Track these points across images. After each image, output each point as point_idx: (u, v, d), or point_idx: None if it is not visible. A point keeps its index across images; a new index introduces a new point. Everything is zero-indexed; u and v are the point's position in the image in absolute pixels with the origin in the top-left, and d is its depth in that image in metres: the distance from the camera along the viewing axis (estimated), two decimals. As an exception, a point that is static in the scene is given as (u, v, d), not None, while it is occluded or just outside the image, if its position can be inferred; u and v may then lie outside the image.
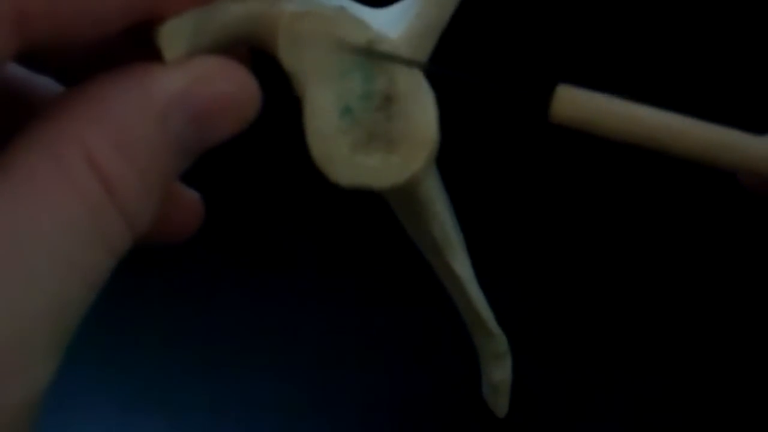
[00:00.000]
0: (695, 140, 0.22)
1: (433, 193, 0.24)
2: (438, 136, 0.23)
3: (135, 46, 0.22)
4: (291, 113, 0.23)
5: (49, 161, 0.19)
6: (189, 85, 0.20)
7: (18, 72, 0.22)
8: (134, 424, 0.34)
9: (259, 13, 0.22)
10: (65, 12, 0.19)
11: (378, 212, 0.27)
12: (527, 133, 0.39)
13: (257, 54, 0.23)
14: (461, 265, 0.26)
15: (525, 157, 0.42)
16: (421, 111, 0.22)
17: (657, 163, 0.26)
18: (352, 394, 0.35)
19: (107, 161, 0.19)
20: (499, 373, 0.30)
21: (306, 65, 0.22)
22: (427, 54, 0.24)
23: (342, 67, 0.22)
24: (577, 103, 0.22)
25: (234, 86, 0.21)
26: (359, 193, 0.24)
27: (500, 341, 0.29)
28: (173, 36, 0.21)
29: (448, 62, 0.23)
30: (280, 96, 0.22)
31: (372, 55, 0.22)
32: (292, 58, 0.22)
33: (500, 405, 0.31)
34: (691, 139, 0.22)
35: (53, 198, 0.18)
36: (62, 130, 0.19)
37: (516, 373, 0.30)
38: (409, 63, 0.22)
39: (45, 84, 0.23)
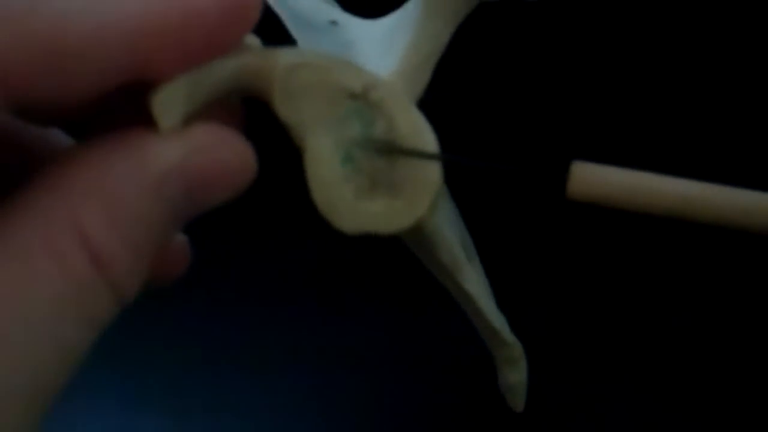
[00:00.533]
0: (716, 208, 0.22)
1: (439, 224, 0.24)
2: (441, 179, 0.22)
3: (135, 99, 0.21)
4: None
5: (40, 235, 0.18)
6: (186, 157, 0.20)
7: (20, 125, 0.22)
8: (135, 423, 0.34)
9: (252, 69, 0.21)
10: (45, 75, 0.19)
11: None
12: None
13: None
14: (472, 283, 0.26)
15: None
16: (422, 154, 0.22)
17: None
18: (352, 396, 0.35)
19: (99, 238, 0.19)
20: (514, 375, 0.29)
21: (303, 116, 0.22)
22: (424, 85, 0.23)
23: (340, 115, 0.22)
24: (592, 181, 0.22)
25: (231, 156, 0.21)
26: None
27: (514, 348, 0.28)
28: (167, 103, 0.20)
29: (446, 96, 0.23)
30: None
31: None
32: (289, 111, 0.22)
33: (518, 403, 0.31)
34: (712, 207, 0.22)
35: (41, 274, 0.18)
36: (54, 202, 0.19)
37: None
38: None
39: (52, 135, 0.22)
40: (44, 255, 0.18)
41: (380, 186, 0.22)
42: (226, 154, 0.20)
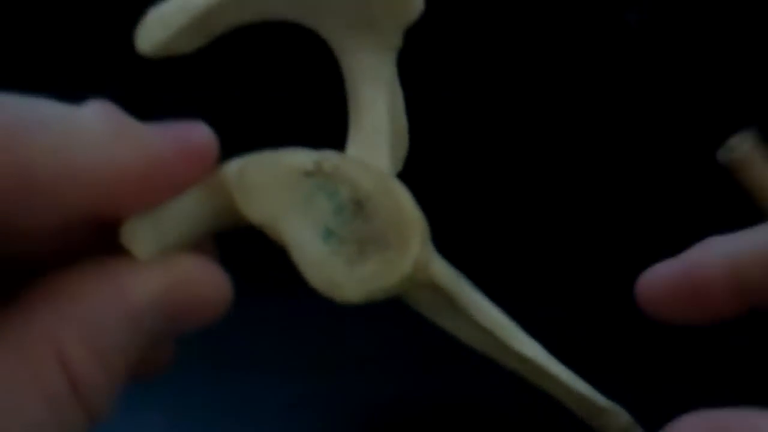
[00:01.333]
0: None
1: (453, 279, 0.24)
2: (421, 213, 0.22)
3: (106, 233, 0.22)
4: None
5: (23, 361, 0.19)
6: (167, 290, 0.21)
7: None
8: (135, 422, 0.34)
9: (209, 192, 0.22)
10: (13, 206, 0.19)
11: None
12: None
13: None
14: (527, 346, 0.25)
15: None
16: (393, 199, 0.22)
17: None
18: (352, 396, 0.35)
19: (79, 362, 0.19)
20: None
21: (270, 211, 0.22)
22: (404, 137, 0.24)
23: (304, 197, 0.22)
24: None
25: (209, 288, 0.21)
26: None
27: (618, 413, 0.26)
28: (136, 235, 0.21)
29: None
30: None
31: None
32: (255, 211, 0.22)
33: None
34: None
35: (22, 398, 0.19)
36: (35, 326, 0.19)
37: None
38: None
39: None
40: (22, 376, 0.19)
41: (368, 246, 0.22)
42: (206, 287, 0.21)
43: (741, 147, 0.25)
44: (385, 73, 0.24)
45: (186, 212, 0.22)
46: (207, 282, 0.21)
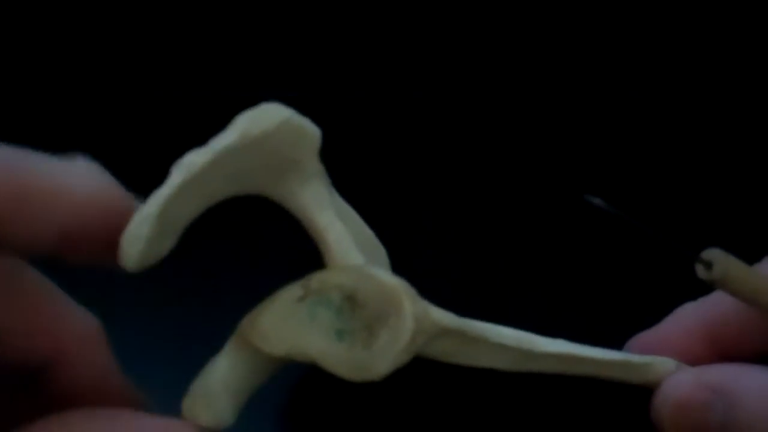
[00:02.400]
0: None
1: (457, 319, 0.27)
2: (399, 280, 0.26)
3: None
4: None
5: None
6: None
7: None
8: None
9: (237, 350, 0.26)
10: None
11: (380, 210, 0.27)
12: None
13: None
14: (552, 344, 0.28)
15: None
16: (373, 282, 0.26)
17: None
18: (352, 395, 0.35)
19: None
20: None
21: (288, 341, 0.26)
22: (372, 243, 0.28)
23: (307, 316, 0.26)
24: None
25: None
26: (362, 192, 0.28)
27: (663, 361, 0.29)
28: (195, 411, 0.26)
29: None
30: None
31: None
32: (276, 347, 0.26)
33: None
34: None
35: None
36: None
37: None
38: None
39: None
40: None
41: (374, 325, 0.25)
42: None
43: (717, 263, 0.27)
44: (324, 197, 0.28)
45: (225, 374, 0.26)
46: None
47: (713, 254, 0.27)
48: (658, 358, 0.29)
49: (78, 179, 0.25)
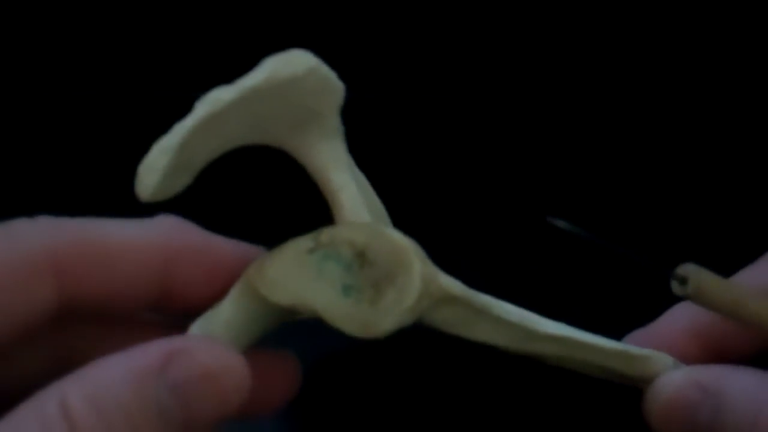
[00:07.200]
0: None
1: (464, 288, 0.26)
2: (410, 240, 0.26)
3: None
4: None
5: (31, 404, 0.21)
6: (167, 353, 0.22)
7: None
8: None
9: (242, 296, 0.26)
10: (96, 274, 0.24)
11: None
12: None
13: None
14: (554, 326, 0.27)
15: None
16: (385, 240, 0.25)
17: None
18: (353, 394, 0.35)
19: (77, 410, 0.21)
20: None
21: (293, 292, 0.25)
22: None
23: (315, 270, 0.25)
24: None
25: (214, 362, 0.23)
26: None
27: (660, 357, 0.28)
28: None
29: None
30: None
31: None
32: (282, 296, 0.25)
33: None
34: None
35: (22, 429, 0.21)
36: (54, 384, 0.22)
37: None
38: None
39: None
40: (32, 420, 0.21)
41: (382, 284, 0.25)
42: (210, 360, 0.23)
43: (692, 277, 0.27)
44: (342, 156, 0.27)
45: (229, 318, 0.26)
46: (213, 356, 0.23)
47: (687, 269, 0.27)
48: (656, 352, 0.28)
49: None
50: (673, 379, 0.27)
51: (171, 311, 0.27)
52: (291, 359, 0.28)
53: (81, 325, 0.26)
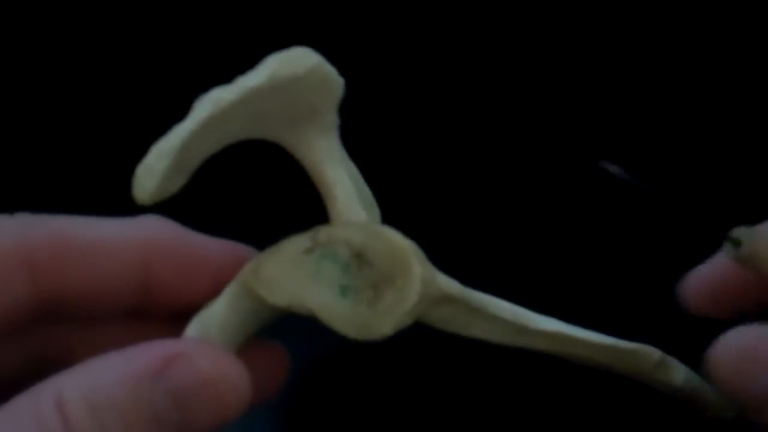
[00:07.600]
0: None
1: (461, 288, 0.26)
2: (410, 241, 0.25)
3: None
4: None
5: (27, 396, 0.21)
6: (166, 357, 0.22)
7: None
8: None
9: (237, 295, 0.25)
10: (72, 271, 0.24)
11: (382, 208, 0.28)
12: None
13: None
14: (547, 322, 0.27)
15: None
16: (384, 240, 0.25)
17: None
18: (353, 394, 0.35)
19: (72, 405, 0.21)
20: (675, 377, 0.29)
21: (290, 292, 0.25)
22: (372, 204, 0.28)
23: (312, 270, 0.25)
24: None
25: (214, 369, 0.22)
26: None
27: (648, 351, 0.28)
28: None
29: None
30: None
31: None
32: (278, 297, 0.25)
33: (714, 409, 0.30)
34: None
35: (20, 426, 0.21)
36: (51, 378, 0.22)
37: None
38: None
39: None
40: (27, 412, 0.21)
41: (380, 285, 0.25)
42: (209, 367, 0.22)
43: (746, 241, 0.26)
44: (337, 151, 0.27)
45: (224, 318, 0.25)
46: (211, 363, 0.22)
47: (742, 232, 0.26)
48: (643, 346, 0.28)
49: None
50: (747, 331, 0.26)
51: (153, 311, 0.26)
52: (278, 349, 0.28)
53: (62, 324, 0.26)
